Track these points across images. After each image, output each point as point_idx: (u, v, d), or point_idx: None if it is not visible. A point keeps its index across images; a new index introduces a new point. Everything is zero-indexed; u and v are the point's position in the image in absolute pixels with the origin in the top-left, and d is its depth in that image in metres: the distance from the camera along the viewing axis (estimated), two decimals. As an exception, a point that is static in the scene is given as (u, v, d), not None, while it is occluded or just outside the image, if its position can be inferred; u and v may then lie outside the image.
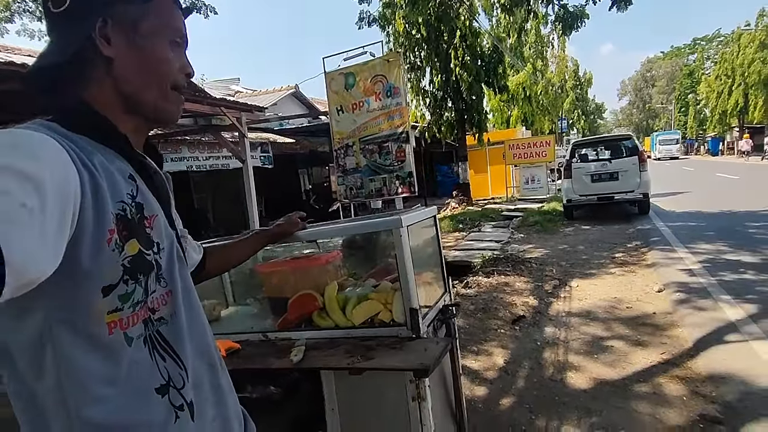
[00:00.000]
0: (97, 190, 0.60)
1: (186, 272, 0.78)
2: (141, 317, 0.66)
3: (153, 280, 0.68)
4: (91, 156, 0.62)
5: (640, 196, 8.82)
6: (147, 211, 0.69)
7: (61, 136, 0.62)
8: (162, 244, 0.71)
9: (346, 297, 1.46)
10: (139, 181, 0.70)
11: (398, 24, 11.80)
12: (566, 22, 10.94)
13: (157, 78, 0.73)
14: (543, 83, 21.35)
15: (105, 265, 0.60)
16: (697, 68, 46.79)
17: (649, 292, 4.50)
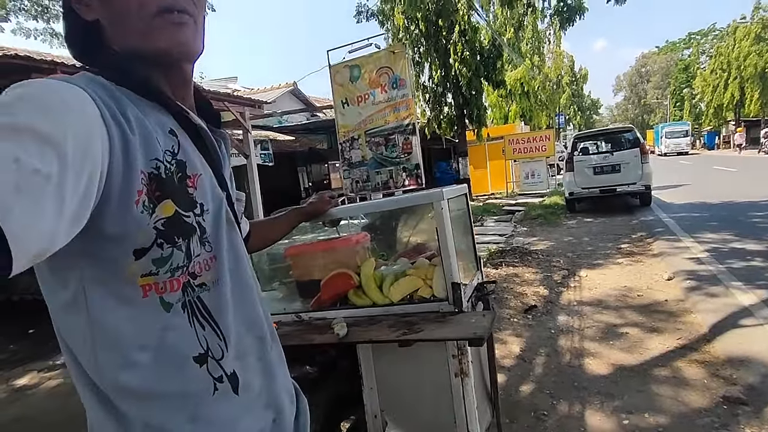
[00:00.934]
0: (127, 146, 0.55)
1: (236, 237, 0.73)
2: (182, 282, 0.63)
3: (196, 243, 0.64)
4: (126, 109, 0.58)
5: (642, 188, 8.84)
6: (189, 170, 0.64)
7: (100, 87, 0.59)
8: (207, 205, 0.66)
9: (383, 275, 1.44)
10: (182, 137, 0.65)
11: (397, 19, 11.78)
12: (564, 16, 10.96)
13: (127, 18, 0.62)
14: (540, 79, 21.36)
15: (133, 228, 0.57)
16: (692, 63, 46.97)
17: (658, 280, 4.50)
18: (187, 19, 0.64)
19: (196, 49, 0.67)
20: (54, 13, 9.27)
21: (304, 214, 1.34)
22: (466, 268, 1.59)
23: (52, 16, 9.31)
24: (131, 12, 0.61)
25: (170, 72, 0.68)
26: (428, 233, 1.57)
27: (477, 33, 12.48)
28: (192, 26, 0.66)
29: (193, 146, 0.68)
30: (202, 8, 0.68)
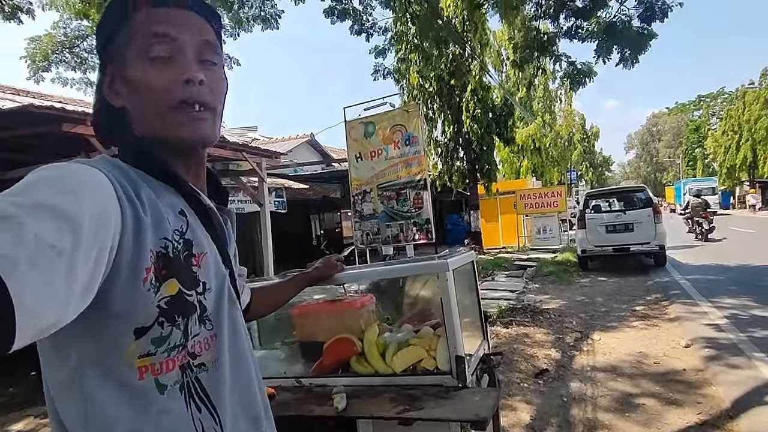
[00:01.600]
0: (139, 226, 0.58)
1: (237, 314, 0.74)
2: (178, 363, 0.63)
3: (195, 322, 0.65)
4: (140, 190, 0.61)
5: (656, 248, 8.71)
6: (196, 248, 0.66)
7: (117, 169, 0.62)
8: (209, 284, 0.67)
9: (386, 342, 1.42)
10: (191, 217, 0.68)
11: (412, 78, 12.28)
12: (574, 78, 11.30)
13: (150, 108, 0.66)
14: (552, 136, 21.79)
15: (138, 306, 0.58)
16: (703, 124, 47.61)
17: (675, 347, 4.33)
18: (205, 114, 0.68)
19: (213, 139, 0.70)
20: (91, 65, 9.89)
21: (310, 279, 1.34)
22: (471, 337, 1.56)
23: (89, 67, 9.93)
24: (154, 102, 0.65)
25: (188, 157, 0.72)
26: (434, 298, 1.55)
27: (489, 92, 12.92)
28: (210, 119, 0.69)
29: (201, 225, 0.70)
30: (221, 96, 0.72)
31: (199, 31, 0.68)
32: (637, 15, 6.76)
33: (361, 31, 9.21)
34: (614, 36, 6.39)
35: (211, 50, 0.70)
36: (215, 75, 0.70)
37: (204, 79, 0.66)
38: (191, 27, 0.67)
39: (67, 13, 9.16)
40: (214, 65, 0.70)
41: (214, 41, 0.71)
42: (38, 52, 9.54)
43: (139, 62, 0.65)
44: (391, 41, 10.86)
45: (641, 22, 6.76)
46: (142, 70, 0.65)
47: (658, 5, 6.58)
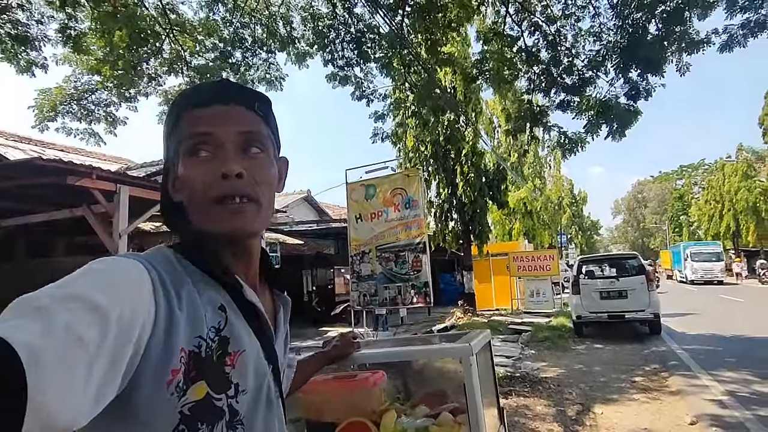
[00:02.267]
0: (171, 323, 0.55)
1: (273, 418, 0.69)
2: None
3: (222, 429, 0.60)
4: (182, 286, 0.60)
5: (650, 316, 8.68)
6: (232, 347, 0.62)
7: (164, 260, 0.62)
8: (243, 385, 0.63)
9: (403, 429, 1.36)
10: (231, 312, 0.64)
11: (409, 141, 12.72)
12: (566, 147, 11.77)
13: (195, 203, 0.67)
14: (542, 200, 22.30)
15: (159, 411, 0.54)
16: (686, 192, 49.21)
17: (681, 424, 4.19)
18: (247, 206, 0.66)
19: (256, 230, 0.69)
20: (96, 117, 10.13)
21: (329, 358, 1.30)
22: (489, 423, 1.50)
23: (94, 118, 10.16)
24: (198, 198, 0.66)
25: (235, 248, 0.70)
26: (450, 377, 1.51)
27: (482, 157, 13.36)
28: (252, 211, 0.67)
29: (243, 321, 0.66)
30: (267, 185, 0.70)
31: (237, 123, 0.68)
32: (624, 93, 7.22)
33: (362, 97, 9.64)
34: (605, 114, 6.76)
35: (253, 139, 0.69)
36: (259, 163, 0.69)
37: (243, 172, 0.65)
38: (230, 121, 0.68)
39: (79, 69, 9.51)
40: (260, 153, 0.70)
41: (258, 129, 0.70)
42: (47, 103, 9.78)
43: (186, 161, 0.67)
44: (389, 107, 11.33)
45: (627, 99, 7.21)
46: (187, 167, 0.67)
47: (643, 85, 7.05)
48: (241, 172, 0.65)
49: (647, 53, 5.92)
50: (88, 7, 7.35)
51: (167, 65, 9.21)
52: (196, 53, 9.56)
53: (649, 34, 6.08)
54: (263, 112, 0.72)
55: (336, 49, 8.97)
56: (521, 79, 8.75)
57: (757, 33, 5.99)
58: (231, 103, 0.69)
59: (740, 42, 6.07)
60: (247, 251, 0.72)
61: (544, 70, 8.19)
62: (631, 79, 6.93)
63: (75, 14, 7.53)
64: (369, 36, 8.69)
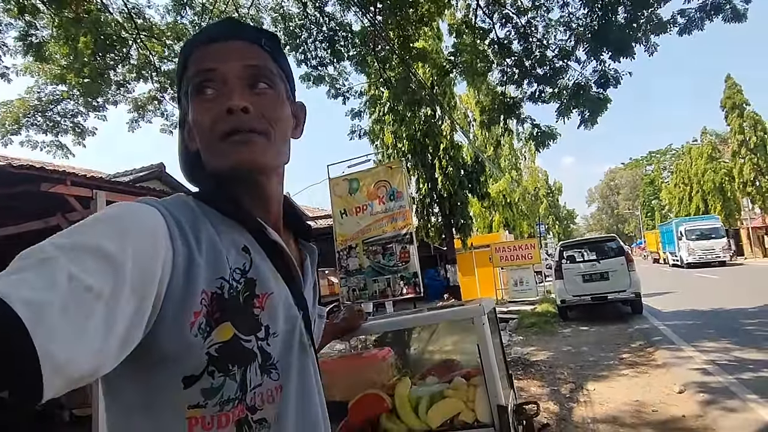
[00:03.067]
0: (191, 267, 0.54)
1: (308, 364, 0.68)
2: (234, 417, 0.56)
3: (256, 372, 0.59)
4: (201, 229, 0.58)
5: (632, 295, 8.91)
6: (259, 288, 0.61)
7: (183, 207, 0.60)
8: (274, 327, 0.61)
9: (418, 396, 1.35)
10: (256, 254, 0.63)
11: (386, 137, 12.73)
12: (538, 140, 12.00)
13: (204, 144, 0.65)
14: (520, 191, 22.66)
15: (184, 352, 0.53)
16: (656, 177, 50.77)
17: (670, 393, 4.31)
18: (254, 137, 0.64)
19: (267, 162, 0.66)
20: (63, 128, 9.78)
21: (339, 330, 1.28)
22: (503, 388, 1.50)
23: (61, 130, 9.81)
24: (207, 138, 0.64)
25: (248, 187, 0.67)
26: (458, 347, 1.51)
27: (460, 150, 13.47)
28: (261, 143, 0.64)
29: (269, 263, 0.65)
30: (277, 120, 0.67)
31: (242, 57, 0.65)
32: (594, 81, 7.39)
33: (337, 95, 9.62)
34: (578, 97, 6.90)
35: (260, 74, 0.66)
36: (267, 99, 0.66)
37: (248, 106, 0.63)
38: (234, 55, 0.65)
39: (42, 79, 9.18)
40: (269, 89, 0.67)
41: (265, 64, 0.67)
42: (9, 116, 9.40)
43: (194, 102, 0.65)
44: (365, 104, 11.33)
45: (597, 87, 7.39)
46: (195, 109, 0.65)
47: (611, 74, 7.24)
48: (246, 107, 0.62)
49: (617, 36, 6.08)
50: (49, 14, 7.10)
51: (136, 71, 8.96)
52: (165, 58, 9.33)
53: (618, 17, 6.24)
54: (270, 47, 0.69)
55: (309, 49, 8.91)
56: (494, 71, 8.87)
57: (713, 16, 6.23)
58: (235, 39, 0.66)
59: (698, 25, 6.30)
60: (263, 192, 0.68)
61: (517, 62, 8.32)
62: (602, 66, 7.12)
63: (35, 21, 7.24)
64: (341, 34, 8.66)
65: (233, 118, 0.62)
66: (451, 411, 1.29)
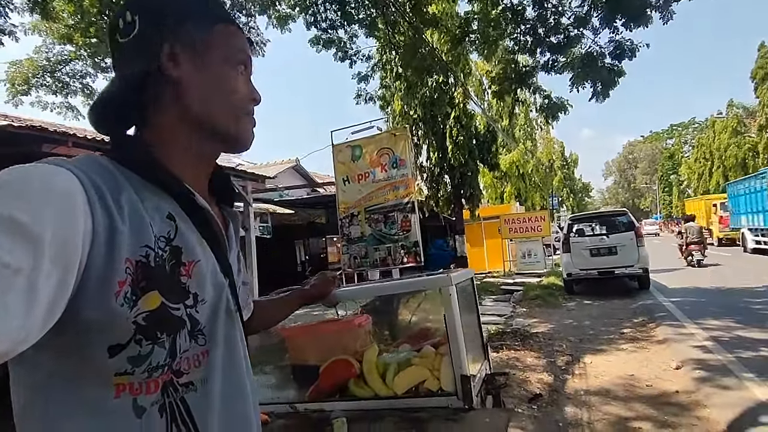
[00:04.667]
0: (113, 235, 0.52)
1: (235, 331, 0.67)
2: (161, 382, 0.56)
3: (184, 338, 0.58)
4: (121, 194, 0.55)
5: (639, 270, 8.83)
6: (186, 256, 0.60)
7: (99, 168, 0.56)
8: (202, 295, 0.61)
9: (386, 363, 1.35)
10: (182, 221, 0.61)
11: (396, 105, 12.49)
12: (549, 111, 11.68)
13: (228, 102, 0.68)
14: (533, 162, 22.26)
15: (109, 322, 0.52)
16: (676, 151, 49.41)
17: (666, 369, 4.31)
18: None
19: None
20: (72, 89, 9.77)
21: (307, 296, 1.28)
22: (474, 358, 1.50)
23: (71, 91, 9.81)
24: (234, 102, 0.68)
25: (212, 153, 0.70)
26: (433, 316, 1.50)
27: (473, 119, 13.18)
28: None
29: (194, 230, 0.63)
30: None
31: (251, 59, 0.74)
32: (608, 53, 7.07)
33: (345, 58, 9.40)
34: (590, 66, 6.64)
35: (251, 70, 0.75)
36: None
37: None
38: (247, 46, 0.73)
39: (50, 38, 9.10)
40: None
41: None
42: (18, 75, 9.39)
43: (227, 64, 0.69)
44: (374, 68, 11.06)
45: (612, 59, 7.07)
46: (231, 72, 0.69)
47: (627, 45, 6.91)
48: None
49: (631, 1, 5.78)
50: (53, -31, 6.96)
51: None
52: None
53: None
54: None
55: (318, 10, 8.66)
56: (507, 39, 8.55)
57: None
58: (237, 28, 0.74)
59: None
60: (213, 162, 0.72)
61: (530, 29, 8.00)
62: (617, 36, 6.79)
63: (40, -24, 7.10)
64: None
65: (254, 105, 0.72)
66: (417, 378, 1.29)
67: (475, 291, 1.59)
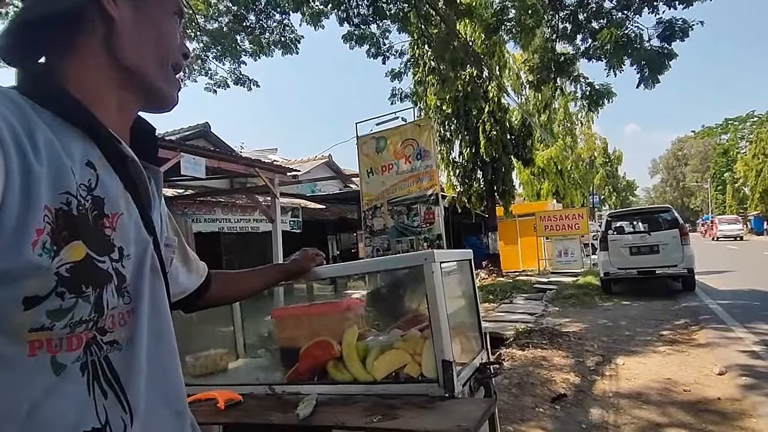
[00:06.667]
0: (29, 177, 0.47)
1: (160, 290, 0.63)
2: (84, 339, 0.52)
3: (111, 293, 0.54)
4: (36, 133, 0.50)
5: (684, 271, 8.28)
6: (108, 208, 0.55)
7: (9, 102, 0.50)
8: (127, 249, 0.57)
9: (368, 346, 1.27)
10: (103, 170, 0.56)
11: (429, 99, 12.32)
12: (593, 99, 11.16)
13: (160, 52, 0.65)
14: (573, 158, 21.46)
15: (24, 272, 0.47)
16: (731, 147, 46.41)
17: (708, 374, 3.99)
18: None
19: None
20: None
21: (285, 271, 1.23)
22: (466, 345, 1.39)
23: None
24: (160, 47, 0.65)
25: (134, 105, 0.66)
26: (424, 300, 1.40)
27: (507, 113, 12.82)
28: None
29: (117, 181, 0.58)
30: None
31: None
32: (657, 35, 6.62)
33: (377, 54, 9.34)
34: (623, 48, 6.26)
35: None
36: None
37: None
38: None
39: None
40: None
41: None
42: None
43: (166, 13, 0.66)
44: (407, 64, 10.94)
45: (661, 41, 6.62)
46: (167, 17, 0.67)
47: (678, 24, 6.44)
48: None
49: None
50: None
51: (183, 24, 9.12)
52: (209, 17, 9.38)
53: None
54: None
55: (351, 6, 8.65)
56: (544, 26, 8.21)
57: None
58: None
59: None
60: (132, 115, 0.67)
61: (569, 15, 7.65)
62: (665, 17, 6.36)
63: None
64: (384, -11, 8.33)
65: (184, 60, 0.69)
66: (397, 363, 1.21)
67: (472, 274, 1.48)
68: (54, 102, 0.55)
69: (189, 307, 0.92)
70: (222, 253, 11.29)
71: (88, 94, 0.59)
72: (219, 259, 11.19)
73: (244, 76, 9.39)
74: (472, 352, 1.39)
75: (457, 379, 1.09)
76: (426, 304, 1.19)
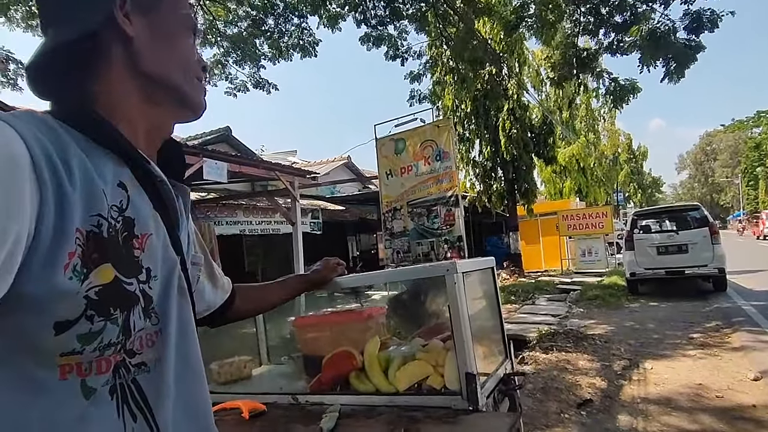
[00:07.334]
0: (62, 201, 0.48)
1: (187, 309, 0.64)
2: (113, 362, 0.53)
3: (138, 315, 0.55)
4: (69, 156, 0.51)
5: (714, 270, 8.00)
6: (139, 229, 0.56)
7: (42, 126, 0.51)
8: (155, 270, 0.58)
9: (390, 357, 1.26)
10: (134, 190, 0.57)
11: (447, 99, 12.24)
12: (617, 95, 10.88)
13: (181, 62, 0.67)
14: (596, 155, 21.01)
15: (56, 297, 0.47)
16: (764, 141, 44.69)
17: (742, 379, 3.85)
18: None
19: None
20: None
21: (307, 282, 1.23)
22: (489, 355, 1.37)
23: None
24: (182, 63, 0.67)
25: (167, 117, 0.67)
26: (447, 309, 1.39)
27: (527, 111, 12.63)
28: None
29: (147, 201, 0.59)
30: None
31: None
32: (684, 26, 6.41)
33: (396, 57, 9.32)
34: (657, 43, 6.07)
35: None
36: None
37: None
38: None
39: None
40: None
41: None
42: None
43: (181, 29, 0.68)
44: (425, 66, 10.88)
45: (688, 33, 6.40)
46: (184, 35, 0.68)
47: (707, 15, 6.22)
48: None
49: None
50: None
51: (201, 36, 9.26)
52: (229, 23, 9.52)
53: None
54: None
55: (367, 8, 8.65)
56: (566, 21, 8.05)
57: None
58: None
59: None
60: (166, 131, 0.69)
61: (592, 9, 7.47)
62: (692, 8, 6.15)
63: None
64: (400, -10, 8.31)
65: (203, 72, 0.71)
66: (419, 374, 1.20)
67: (495, 282, 1.46)
68: (85, 124, 0.56)
69: (214, 322, 0.93)
70: (244, 255, 11.47)
71: (116, 114, 0.60)
72: (241, 260, 11.38)
73: (264, 80, 9.50)
74: (496, 361, 1.37)
75: (480, 391, 1.08)
76: (448, 314, 1.18)
